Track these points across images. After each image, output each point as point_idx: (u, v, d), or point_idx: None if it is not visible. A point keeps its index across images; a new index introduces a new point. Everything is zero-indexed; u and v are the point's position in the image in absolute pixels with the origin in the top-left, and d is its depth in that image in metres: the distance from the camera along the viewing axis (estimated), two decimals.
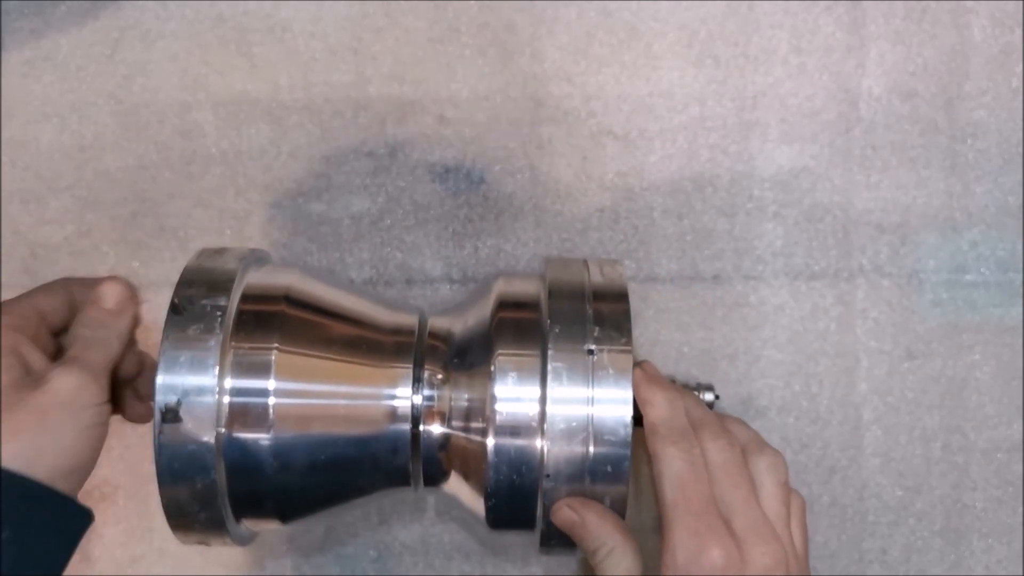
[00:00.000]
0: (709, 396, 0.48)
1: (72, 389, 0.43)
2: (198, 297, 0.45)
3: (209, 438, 0.43)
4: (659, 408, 0.44)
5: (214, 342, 0.44)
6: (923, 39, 0.60)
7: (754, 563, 0.41)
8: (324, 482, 0.46)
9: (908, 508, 0.61)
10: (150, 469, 0.60)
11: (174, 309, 0.45)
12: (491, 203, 0.61)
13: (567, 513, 0.44)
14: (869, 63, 0.60)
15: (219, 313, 0.45)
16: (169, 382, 0.43)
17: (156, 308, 0.60)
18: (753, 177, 0.60)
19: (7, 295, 0.61)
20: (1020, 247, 0.61)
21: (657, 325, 0.60)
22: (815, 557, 0.61)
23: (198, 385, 0.43)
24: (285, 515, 0.46)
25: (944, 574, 0.61)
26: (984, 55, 0.60)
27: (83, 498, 0.44)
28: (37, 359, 0.45)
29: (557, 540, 0.45)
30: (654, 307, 0.60)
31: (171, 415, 0.43)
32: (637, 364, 0.46)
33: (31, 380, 0.43)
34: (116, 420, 0.60)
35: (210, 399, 0.43)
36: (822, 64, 0.60)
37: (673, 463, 0.42)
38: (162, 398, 0.43)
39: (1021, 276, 0.61)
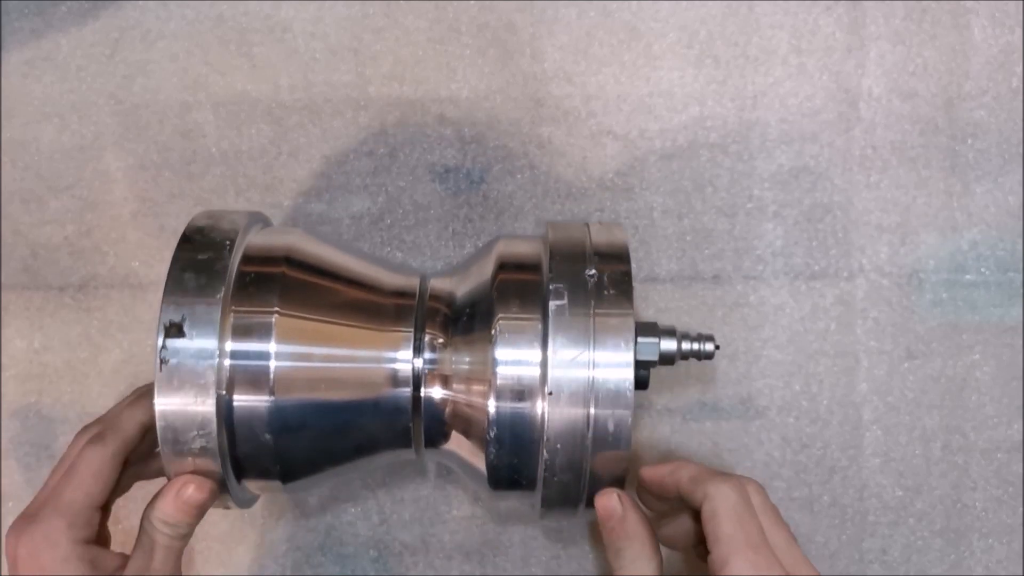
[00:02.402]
0: (710, 346, 0.48)
1: None
2: (208, 230, 0.46)
3: (211, 350, 0.42)
4: (693, 464, 0.46)
5: (220, 266, 0.44)
6: (923, 39, 0.60)
7: None
8: (325, 445, 0.46)
9: (908, 508, 0.61)
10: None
11: (185, 239, 0.46)
12: (491, 203, 0.61)
13: (613, 502, 0.43)
14: (869, 63, 0.60)
15: (228, 242, 0.45)
16: (175, 301, 0.43)
17: (157, 308, 0.60)
18: (753, 177, 0.60)
19: (7, 295, 0.61)
20: (1020, 247, 0.61)
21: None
22: (815, 557, 0.61)
23: (204, 307, 0.43)
24: (286, 476, 0.46)
25: (944, 574, 0.61)
26: (984, 55, 0.60)
27: None
28: (109, 560, 0.45)
29: (557, 501, 0.45)
30: (654, 307, 0.60)
31: (175, 330, 0.43)
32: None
33: None
34: None
35: (213, 323, 0.43)
36: (822, 64, 0.60)
37: (730, 497, 0.43)
38: (166, 315, 0.43)
39: (1021, 276, 0.61)
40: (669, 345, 0.47)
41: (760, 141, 0.60)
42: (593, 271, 0.44)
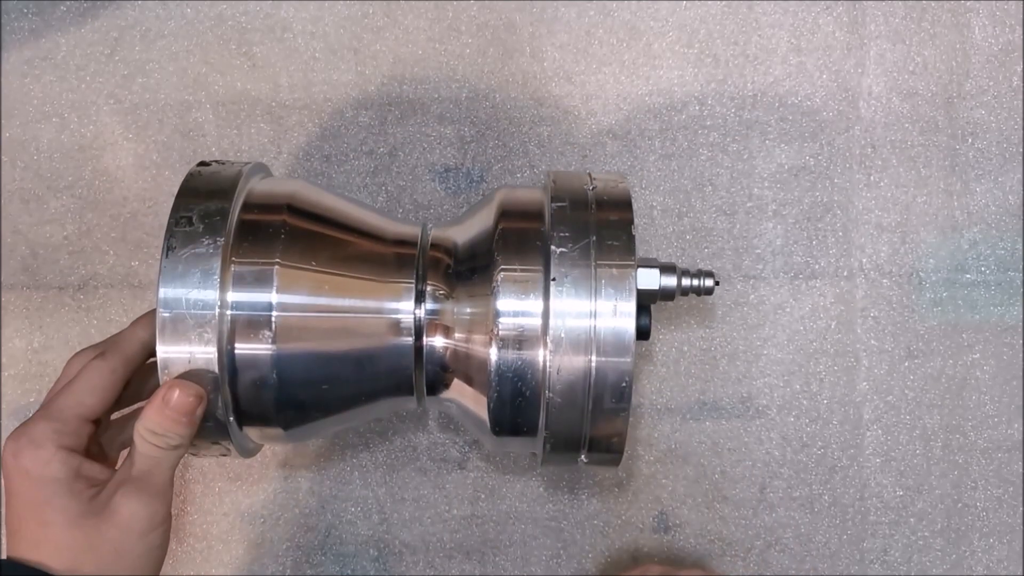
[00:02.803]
0: (709, 282, 0.48)
1: (142, 518, 0.42)
2: (222, 161, 0.47)
3: (218, 239, 0.43)
4: (656, 566, 0.53)
5: (233, 171, 0.45)
6: (923, 39, 0.60)
7: None
8: (326, 394, 0.46)
9: (909, 508, 0.61)
10: None
11: (202, 163, 0.47)
12: None
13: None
14: (869, 62, 0.60)
15: (245, 163, 0.46)
16: (185, 202, 0.44)
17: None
18: (753, 176, 0.60)
19: (7, 295, 0.61)
20: (1020, 247, 0.61)
21: (657, 324, 0.60)
22: (815, 557, 0.61)
23: (217, 206, 0.44)
24: (288, 424, 0.46)
25: (945, 574, 0.61)
26: (984, 54, 0.60)
27: None
28: (97, 471, 0.44)
29: (560, 448, 0.45)
30: (654, 306, 0.60)
31: (184, 221, 0.43)
32: None
33: (98, 505, 0.42)
34: None
35: (224, 217, 0.44)
36: (822, 63, 0.60)
37: None
38: (177, 213, 0.44)
39: (1021, 276, 0.61)
40: (669, 281, 0.47)
41: (760, 141, 0.60)
42: (592, 185, 0.44)
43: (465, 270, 0.46)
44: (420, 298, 0.46)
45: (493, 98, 0.60)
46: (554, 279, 0.43)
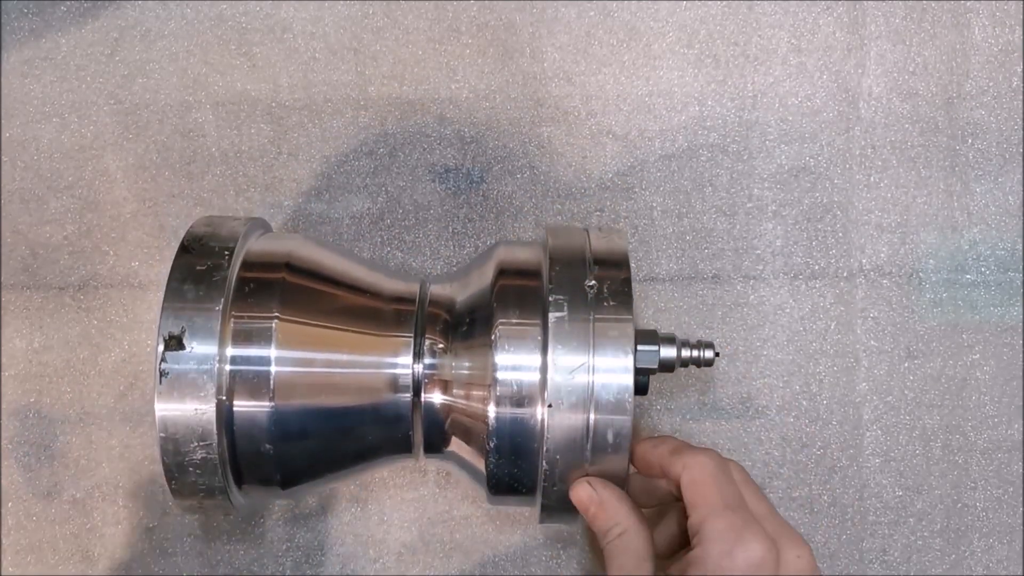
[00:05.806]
0: (709, 353, 0.48)
1: None
2: (207, 239, 0.46)
3: (211, 356, 0.43)
4: (673, 439, 0.46)
5: (219, 276, 0.44)
6: (923, 39, 0.60)
7: (789, 564, 0.41)
8: (325, 450, 0.46)
9: (908, 508, 0.61)
10: (151, 469, 0.60)
11: (184, 249, 0.46)
12: (491, 203, 0.61)
13: (586, 490, 0.43)
14: (869, 63, 0.60)
15: (227, 252, 0.45)
16: (174, 312, 0.43)
17: (156, 308, 0.60)
18: (753, 177, 0.60)
19: (7, 295, 0.61)
20: (1020, 247, 0.61)
21: (657, 325, 0.60)
22: (815, 557, 0.60)
23: (204, 316, 0.43)
24: (286, 482, 0.46)
25: (944, 574, 0.61)
26: (984, 55, 0.60)
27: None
28: None
29: (557, 508, 0.45)
30: (654, 307, 0.60)
31: (174, 343, 0.43)
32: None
33: None
34: (116, 419, 0.61)
35: (213, 334, 0.43)
36: (822, 64, 0.60)
37: (708, 465, 0.42)
38: (166, 327, 0.43)
39: (1021, 276, 0.61)
40: (669, 352, 0.47)
41: (760, 141, 0.60)
42: (593, 282, 0.44)
43: (463, 325, 0.46)
44: (418, 353, 0.46)
45: (493, 98, 0.60)
46: (552, 335, 0.43)
